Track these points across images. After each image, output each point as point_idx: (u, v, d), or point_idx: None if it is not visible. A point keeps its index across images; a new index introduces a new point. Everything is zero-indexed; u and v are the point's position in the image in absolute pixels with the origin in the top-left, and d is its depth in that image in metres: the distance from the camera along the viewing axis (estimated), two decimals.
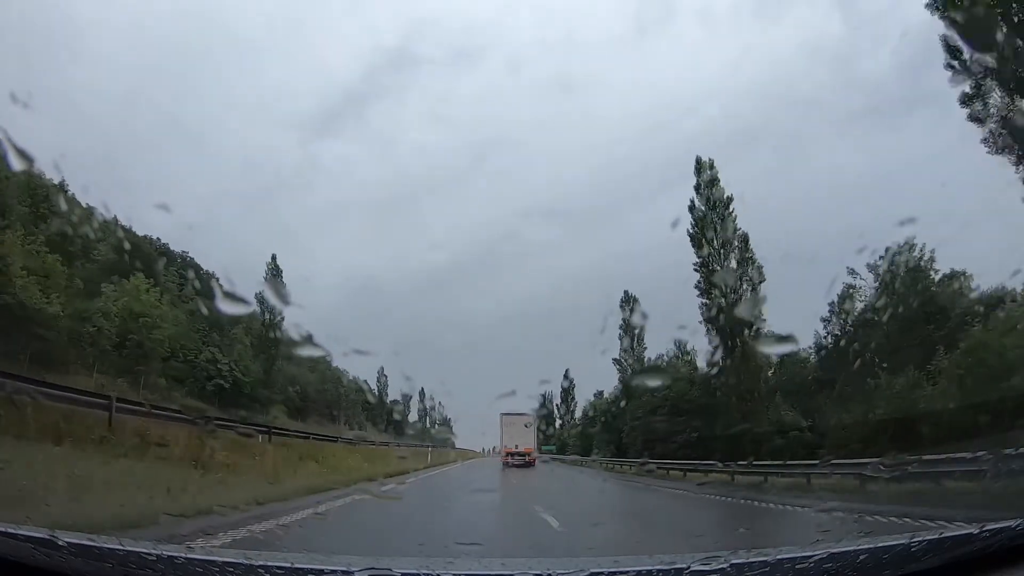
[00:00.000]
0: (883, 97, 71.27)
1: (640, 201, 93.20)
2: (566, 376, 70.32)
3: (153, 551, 1.82)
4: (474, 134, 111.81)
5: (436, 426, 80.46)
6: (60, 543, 1.60)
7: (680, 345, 40.93)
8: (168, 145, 78.98)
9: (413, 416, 75.67)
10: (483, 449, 73.95)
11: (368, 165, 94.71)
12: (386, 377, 63.68)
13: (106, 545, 1.71)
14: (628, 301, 43.28)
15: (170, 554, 1.82)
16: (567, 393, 69.55)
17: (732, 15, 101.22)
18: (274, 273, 43.23)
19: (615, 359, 43.96)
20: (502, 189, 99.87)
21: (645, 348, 43.63)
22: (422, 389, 78.78)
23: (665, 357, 41.47)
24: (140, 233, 39.45)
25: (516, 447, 38.78)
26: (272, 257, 45.50)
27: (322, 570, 1.84)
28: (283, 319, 40.62)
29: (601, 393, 53.38)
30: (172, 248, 43.01)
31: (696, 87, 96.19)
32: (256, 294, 42.26)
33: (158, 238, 41.20)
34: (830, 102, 79.79)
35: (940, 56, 20.06)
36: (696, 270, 31.79)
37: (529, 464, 37.78)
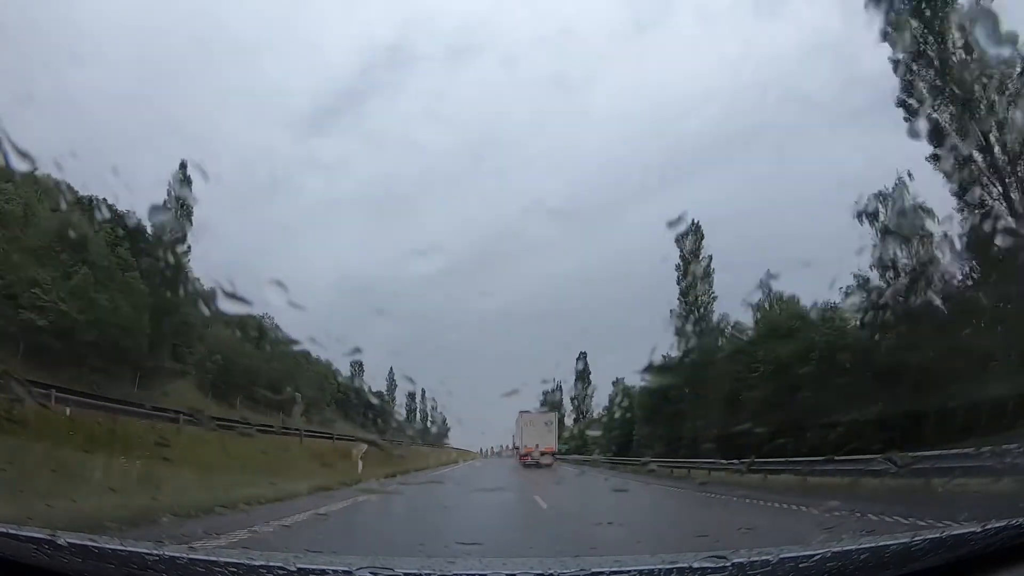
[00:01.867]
0: (882, 94, 70.81)
1: (641, 197, 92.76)
2: (580, 361, 56.90)
3: (154, 551, 1.82)
4: (471, 132, 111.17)
5: (430, 424, 78.72)
6: (61, 543, 1.60)
7: (768, 290, 27.55)
8: (161, 142, 78.35)
9: (402, 413, 73.00)
10: (481, 450, 72.28)
11: (365, 163, 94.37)
12: (361, 365, 56.84)
13: (107, 545, 1.71)
14: (689, 234, 31.50)
15: (171, 554, 1.82)
16: (581, 380, 58.52)
17: (730, 11, 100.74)
18: (182, 181, 29.57)
19: (673, 311, 32.07)
20: (500, 187, 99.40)
21: (715, 297, 31.76)
22: (411, 384, 75.62)
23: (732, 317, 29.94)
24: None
25: (536, 447, 36.80)
26: (181, 165, 30.09)
27: (324, 570, 1.84)
28: (189, 250, 27.06)
29: (622, 379, 45.05)
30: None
31: (696, 85, 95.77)
32: (151, 207, 29.04)
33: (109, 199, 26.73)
34: (830, 100, 79.54)
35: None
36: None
37: (548, 465, 35.38)
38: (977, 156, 18.16)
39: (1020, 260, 17.95)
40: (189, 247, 27.95)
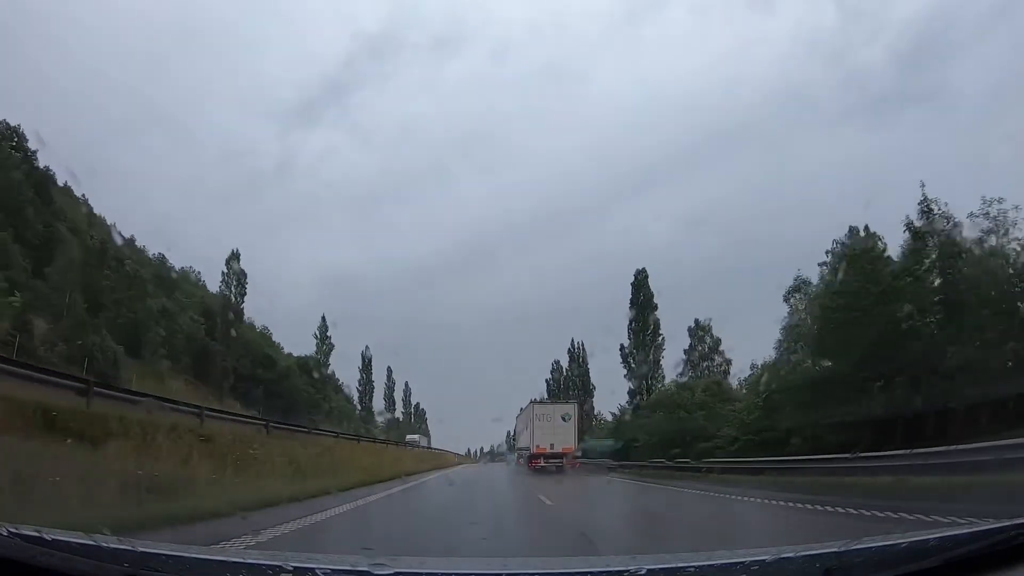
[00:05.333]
0: (876, 93, 70.86)
1: (637, 193, 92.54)
2: (640, 287, 46.93)
3: (155, 550, 1.83)
4: (460, 125, 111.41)
5: (411, 421, 77.42)
6: (60, 542, 1.61)
7: None
8: (146, 133, 78.86)
9: (365, 404, 70.35)
10: (468, 451, 71.60)
11: (350, 157, 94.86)
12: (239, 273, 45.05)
13: (106, 545, 1.72)
14: None
15: (172, 553, 1.83)
16: (641, 311, 46.31)
17: (724, 5, 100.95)
18: None
19: None
20: (489, 182, 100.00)
21: None
22: (392, 375, 72.50)
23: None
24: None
25: (551, 447, 30.07)
26: None
27: (325, 569, 1.84)
28: None
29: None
30: None
31: (690, 80, 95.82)
32: None
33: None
34: (824, 98, 79.49)
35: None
36: None
37: (562, 468, 28.96)
38: None
39: None
40: None
